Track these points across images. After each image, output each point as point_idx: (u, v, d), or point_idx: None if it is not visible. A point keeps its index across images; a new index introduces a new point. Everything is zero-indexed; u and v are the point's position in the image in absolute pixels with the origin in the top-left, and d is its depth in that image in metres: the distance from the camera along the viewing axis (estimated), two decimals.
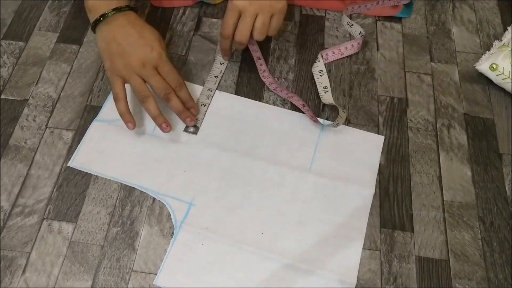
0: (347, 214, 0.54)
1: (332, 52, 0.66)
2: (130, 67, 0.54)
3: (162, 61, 0.55)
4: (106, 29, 0.56)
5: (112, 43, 0.55)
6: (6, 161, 0.57)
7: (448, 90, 0.65)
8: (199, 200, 0.55)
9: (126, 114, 0.55)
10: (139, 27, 0.56)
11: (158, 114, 0.55)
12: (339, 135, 0.60)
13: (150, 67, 0.55)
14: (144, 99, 0.55)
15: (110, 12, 0.55)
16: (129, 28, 0.55)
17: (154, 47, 0.55)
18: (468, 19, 0.72)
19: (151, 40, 0.56)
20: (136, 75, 0.55)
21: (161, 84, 0.55)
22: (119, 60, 0.55)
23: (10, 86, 0.63)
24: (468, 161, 0.59)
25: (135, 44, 0.55)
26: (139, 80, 0.55)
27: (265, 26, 0.58)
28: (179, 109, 0.57)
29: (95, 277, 0.50)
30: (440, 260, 0.52)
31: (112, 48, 0.55)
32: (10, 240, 0.52)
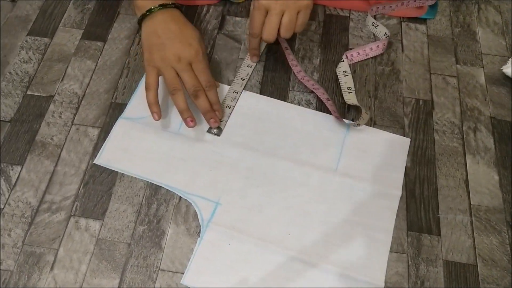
0: (373, 215, 0.54)
1: (357, 53, 0.66)
2: (166, 59, 0.55)
3: (198, 59, 0.56)
4: (150, 23, 0.57)
5: (153, 35, 0.57)
6: (33, 157, 0.57)
7: (474, 93, 0.64)
8: (225, 199, 0.55)
9: (154, 105, 0.56)
10: (181, 23, 0.57)
11: (185, 108, 0.56)
12: (365, 136, 0.60)
13: (185, 62, 0.56)
14: (174, 92, 0.56)
15: (156, 8, 0.57)
16: (171, 23, 0.57)
17: (192, 44, 0.56)
18: (494, 20, 0.72)
19: (190, 37, 0.57)
20: (170, 68, 0.56)
21: (193, 80, 0.56)
22: (157, 52, 0.56)
23: (36, 82, 0.64)
24: (495, 164, 0.58)
25: (174, 38, 0.56)
26: (172, 73, 0.56)
27: (292, 23, 0.58)
28: (205, 108, 0.57)
29: (123, 275, 0.50)
30: (468, 264, 0.52)
31: (152, 41, 0.57)
32: (38, 236, 0.52)
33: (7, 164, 0.57)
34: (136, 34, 0.68)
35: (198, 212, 0.54)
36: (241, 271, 0.51)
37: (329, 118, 0.61)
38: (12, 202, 0.54)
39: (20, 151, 0.58)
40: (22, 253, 0.51)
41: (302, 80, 0.63)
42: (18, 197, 0.55)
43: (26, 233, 0.53)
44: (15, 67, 0.65)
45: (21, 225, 0.53)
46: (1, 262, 0.51)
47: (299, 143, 0.59)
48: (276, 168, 0.57)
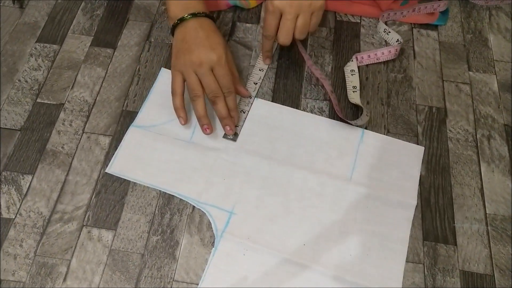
0: (389, 225, 0.54)
1: (368, 56, 0.66)
2: (189, 64, 0.56)
3: (219, 64, 0.56)
4: (181, 31, 0.59)
5: (182, 42, 0.58)
6: (44, 166, 0.57)
7: (487, 100, 0.64)
8: (239, 209, 0.54)
9: (180, 109, 0.58)
10: (209, 31, 0.58)
11: (203, 115, 0.57)
12: (379, 145, 0.59)
13: (206, 67, 0.56)
14: (194, 98, 0.57)
15: (187, 16, 0.58)
16: (199, 31, 0.58)
17: (216, 50, 0.57)
18: (505, 27, 0.71)
19: (215, 43, 0.57)
20: (193, 73, 0.56)
21: (212, 85, 0.56)
22: (182, 56, 0.57)
23: (46, 89, 0.63)
24: (510, 173, 0.58)
25: (200, 44, 0.57)
26: (194, 78, 0.56)
27: (306, 26, 0.58)
28: (222, 114, 0.57)
29: (137, 286, 0.50)
30: (485, 275, 0.51)
31: (180, 46, 0.58)
32: (50, 246, 0.52)
33: (17, 173, 0.56)
34: (146, 41, 0.68)
35: (212, 222, 0.53)
36: (256, 281, 0.50)
37: (343, 126, 0.60)
38: (23, 212, 0.54)
39: (30, 160, 0.57)
40: (34, 264, 0.51)
41: (311, 68, 0.64)
42: (29, 207, 0.54)
43: (38, 244, 0.52)
44: (24, 75, 0.64)
45: (33, 235, 0.52)
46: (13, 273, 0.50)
47: (313, 151, 0.58)
48: (291, 177, 0.56)
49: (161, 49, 0.67)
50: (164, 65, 0.66)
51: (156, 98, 0.62)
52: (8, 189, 0.55)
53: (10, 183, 0.56)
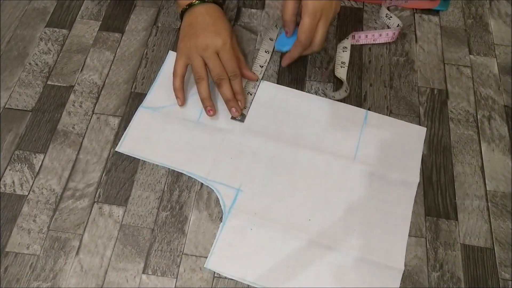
0: (392, 201, 0.55)
1: (365, 36, 0.67)
2: (195, 47, 0.58)
3: (225, 49, 0.58)
4: (189, 15, 0.60)
5: (189, 26, 0.60)
6: (55, 145, 0.58)
7: (488, 82, 0.65)
8: (247, 187, 0.56)
9: (178, 90, 0.60)
10: (215, 17, 0.60)
11: (207, 97, 0.59)
12: (382, 125, 0.61)
13: (212, 51, 0.57)
14: (199, 80, 0.58)
15: (196, 2, 0.60)
16: (206, 16, 0.59)
17: (221, 35, 0.58)
18: (506, 12, 0.73)
19: (221, 28, 0.59)
20: (198, 56, 0.58)
21: (218, 68, 0.58)
22: (188, 41, 0.58)
23: (56, 72, 0.64)
24: (510, 152, 0.59)
25: (206, 29, 0.58)
26: (199, 61, 0.58)
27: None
28: (227, 96, 0.58)
29: (147, 260, 0.51)
30: (485, 248, 0.53)
31: (187, 31, 0.59)
32: (63, 222, 0.53)
33: (30, 152, 0.58)
34: (153, 25, 0.69)
35: (220, 198, 0.55)
36: (264, 256, 0.52)
37: (347, 107, 0.62)
38: (36, 189, 0.55)
39: (42, 140, 0.59)
40: (47, 238, 0.52)
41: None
42: (42, 184, 0.56)
43: (51, 219, 0.53)
44: (34, 58, 0.66)
45: (46, 211, 0.54)
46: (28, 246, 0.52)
47: (319, 132, 0.60)
48: (297, 157, 0.58)
49: (168, 33, 0.69)
50: (172, 48, 0.67)
51: (164, 80, 0.63)
52: (21, 167, 0.57)
53: (22, 162, 0.57)
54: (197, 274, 0.51)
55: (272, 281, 0.50)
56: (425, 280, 0.51)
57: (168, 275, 0.50)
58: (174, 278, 0.50)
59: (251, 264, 0.51)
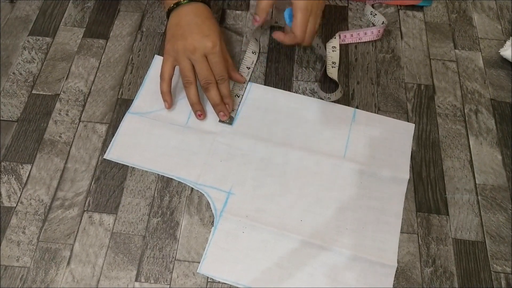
0: (383, 199, 0.55)
1: (351, 35, 0.67)
2: (183, 50, 0.56)
3: (213, 52, 0.57)
4: (176, 15, 0.59)
5: (176, 26, 0.58)
6: (42, 155, 0.58)
7: (474, 76, 0.66)
8: (238, 189, 0.55)
9: (166, 94, 0.59)
10: (204, 17, 0.58)
11: (196, 102, 0.58)
12: (371, 123, 0.61)
13: (200, 53, 0.56)
14: (187, 84, 0.58)
15: (183, 1, 0.58)
16: (194, 16, 0.58)
17: (210, 37, 0.57)
18: (489, 6, 0.73)
19: (210, 30, 0.57)
20: (186, 59, 0.57)
21: (205, 72, 0.57)
22: (176, 42, 0.57)
23: (41, 81, 0.64)
24: (497, 145, 0.60)
25: (194, 30, 0.57)
26: (188, 64, 0.57)
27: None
28: (215, 101, 0.58)
29: (140, 267, 0.51)
30: (476, 241, 0.53)
31: (174, 31, 0.58)
32: (52, 232, 0.53)
33: (16, 163, 0.57)
34: (138, 30, 0.69)
35: (210, 202, 0.55)
36: (256, 258, 0.51)
37: (335, 106, 0.62)
38: (24, 200, 0.55)
39: (29, 150, 0.58)
40: (38, 250, 0.52)
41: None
42: (30, 195, 0.55)
43: (41, 230, 0.53)
44: (18, 67, 0.65)
45: (35, 222, 0.53)
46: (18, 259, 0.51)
47: (308, 132, 0.60)
48: (287, 158, 0.58)
49: (153, 38, 0.68)
50: (157, 53, 0.67)
51: (151, 85, 0.63)
52: (8, 179, 0.56)
53: (9, 173, 0.56)
54: (190, 280, 0.50)
55: (266, 283, 0.50)
56: (418, 276, 0.51)
57: (161, 282, 0.50)
58: (168, 284, 0.50)
59: (244, 267, 0.51)
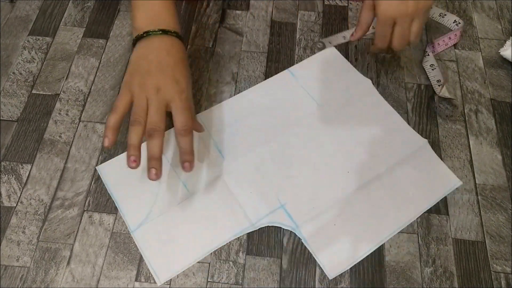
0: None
1: (438, 44, 0.67)
2: (144, 87, 0.50)
3: (179, 98, 0.50)
4: (145, 45, 0.52)
5: (143, 60, 0.52)
6: (42, 155, 0.58)
7: (474, 76, 0.66)
8: (286, 198, 0.55)
9: (112, 129, 0.49)
10: (177, 57, 0.52)
11: (136, 146, 0.48)
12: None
13: (162, 96, 0.49)
14: (135, 124, 0.48)
15: (156, 31, 0.52)
16: (166, 55, 0.52)
17: (179, 82, 0.51)
18: (489, 6, 0.73)
19: (181, 75, 0.51)
20: (144, 98, 0.49)
21: (156, 117, 0.49)
22: (139, 77, 0.50)
23: (41, 81, 0.64)
24: (497, 144, 0.60)
25: (164, 71, 0.51)
26: (144, 103, 0.49)
27: (420, 28, 0.57)
28: (154, 152, 0.48)
29: (139, 267, 0.51)
30: (476, 241, 0.53)
31: (139, 64, 0.51)
32: (52, 232, 0.53)
33: (16, 163, 0.57)
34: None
35: (280, 225, 0.54)
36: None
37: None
38: (24, 200, 0.55)
39: (29, 150, 0.58)
40: (37, 250, 0.52)
41: None
42: (30, 194, 0.55)
43: (41, 230, 0.53)
44: (18, 67, 0.65)
45: (35, 222, 0.53)
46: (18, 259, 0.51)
47: (284, 117, 0.61)
48: (288, 146, 0.58)
49: None
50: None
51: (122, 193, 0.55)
52: (8, 179, 0.56)
53: (9, 173, 0.56)
54: (190, 280, 0.50)
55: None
56: (418, 276, 0.51)
57: None
58: (167, 284, 0.50)
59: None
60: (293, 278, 0.51)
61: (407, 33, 0.57)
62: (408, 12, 0.54)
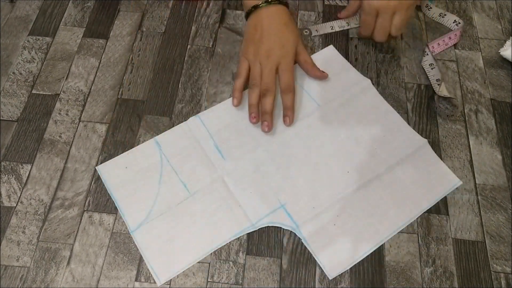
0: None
1: (438, 44, 0.67)
2: (257, 54, 0.59)
3: (285, 60, 0.59)
4: (254, 18, 0.61)
5: (254, 29, 0.60)
6: (42, 155, 0.58)
7: (474, 76, 0.66)
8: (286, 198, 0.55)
9: (237, 91, 0.60)
10: (283, 23, 0.60)
11: (254, 104, 0.59)
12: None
13: (272, 61, 0.58)
14: (252, 86, 0.59)
15: (262, 3, 0.60)
16: (273, 21, 0.60)
17: (285, 46, 0.59)
18: (489, 6, 0.73)
19: (286, 39, 0.59)
20: (258, 63, 0.59)
21: (268, 79, 0.58)
22: (251, 45, 0.60)
23: (41, 81, 0.64)
24: (497, 144, 0.60)
25: (271, 36, 0.59)
26: (258, 69, 0.59)
27: (403, 22, 0.61)
28: (265, 108, 0.58)
29: (139, 267, 0.51)
30: (476, 241, 0.53)
31: (251, 34, 0.60)
32: (52, 232, 0.53)
33: (16, 163, 0.57)
34: (138, 30, 0.69)
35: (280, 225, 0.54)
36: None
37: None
38: (24, 200, 0.55)
39: (29, 150, 0.58)
40: (37, 250, 0.52)
41: None
42: (30, 194, 0.55)
43: (41, 230, 0.53)
44: (18, 67, 0.65)
45: (35, 222, 0.53)
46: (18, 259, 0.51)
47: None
48: (288, 146, 0.58)
49: (153, 38, 0.68)
50: (157, 53, 0.66)
51: (122, 193, 0.55)
52: (8, 179, 0.56)
53: (9, 173, 0.56)
54: (190, 280, 0.50)
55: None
56: (418, 276, 0.51)
57: None
58: (167, 284, 0.50)
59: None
60: (293, 278, 0.51)
61: (387, 25, 0.60)
62: (390, 5, 0.59)
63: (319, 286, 0.50)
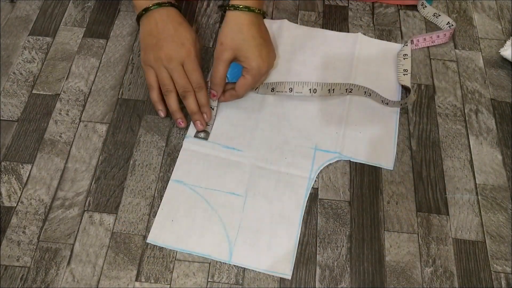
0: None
1: (424, 39, 0.67)
2: (159, 59, 0.56)
3: (189, 59, 0.57)
4: (146, 22, 0.58)
5: (149, 36, 0.58)
6: (42, 155, 0.58)
7: (474, 76, 0.66)
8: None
9: (158, 103, 0.59)
10: (177, 23, 0.58)
11: (176, 110, 0.58)
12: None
13: (176, 62, 0.56)
14: (166, 93, 0.57)
15: (152, 6, 0.57)
16: (166, 23, 0.57)
17: (185, 44, 0.57)
18: (489, 6, 0.73)
19: (184, 37, 0.57)
20: (163, 68, 0.57)
21: (182, 80, 0.57)
22: (151, 52, 0.57)
23: (41, 81, 0.64)
24: (497, 144, 0.60)
25: (168, 38, 0.57)
26: (165, 73, 0.57)
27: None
28: (192, 109, 0.58)
29: (140, 267, 0.51)
30: (476, 241, 0.53)
31: (148, 41, 0.58)
32: (53, 232, 0.53)
33: (17, 162, 0.57)
34: (138, 30, 0.69)
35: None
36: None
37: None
38: (24, 200, 0.55)
39: (29, 150, 0.58)
40: (38, 250, 0.52)
41: None
42: (30, 194, 0.55)
43: (41, 230, 0.53)
44: (18, 67, 0.65)
45: (35, 222, 0.53)
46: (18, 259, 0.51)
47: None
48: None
49: None
50: None
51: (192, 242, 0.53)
52: (8, 179, 0.56)
53: (10, 173, 0.56)
54: (190, 280, 0.50)
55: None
56: (418, 276, 0.51)
57: (161, 282, 0.50)
58: (168, 284, 0.50)
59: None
60: (293, 278, 0.51)
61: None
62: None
63: (319, 286, 0.50)
